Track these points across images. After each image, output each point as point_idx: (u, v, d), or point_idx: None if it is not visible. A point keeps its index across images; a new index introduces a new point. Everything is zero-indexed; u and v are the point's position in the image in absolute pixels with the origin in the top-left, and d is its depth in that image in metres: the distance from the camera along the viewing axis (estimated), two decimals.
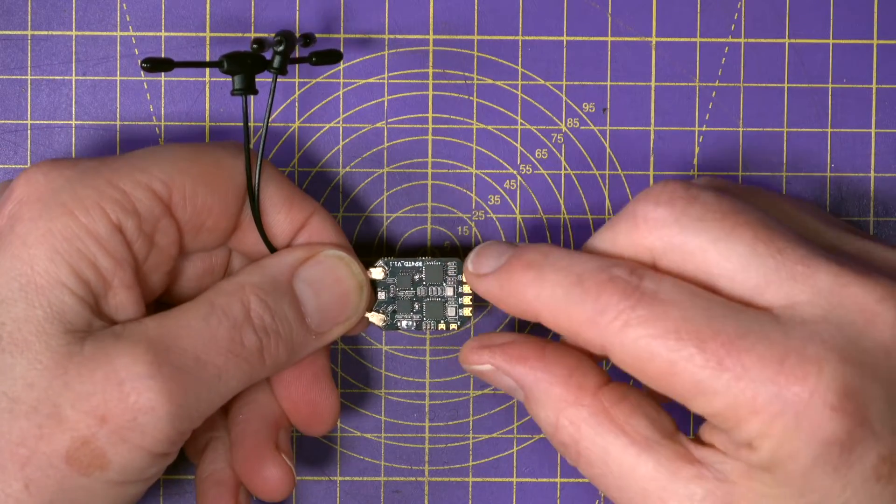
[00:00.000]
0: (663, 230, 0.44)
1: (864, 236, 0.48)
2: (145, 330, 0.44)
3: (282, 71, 0.47)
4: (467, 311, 0.50)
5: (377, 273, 0.50)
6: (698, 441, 0.45)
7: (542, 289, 0.45)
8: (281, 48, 0.47)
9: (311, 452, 0.53)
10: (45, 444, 0.43)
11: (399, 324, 0.50)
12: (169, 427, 0.43)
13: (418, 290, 0.50)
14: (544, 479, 0.52)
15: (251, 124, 0.51)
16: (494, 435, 0.53)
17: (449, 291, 0.50)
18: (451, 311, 0.50)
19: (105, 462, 0.43)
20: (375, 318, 0.50)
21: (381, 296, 0.50)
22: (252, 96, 0.48)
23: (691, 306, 0.43)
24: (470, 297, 0.50)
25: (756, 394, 0.41)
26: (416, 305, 0.50)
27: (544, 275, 0.45)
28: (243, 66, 0.47)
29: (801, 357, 0.41)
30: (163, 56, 0.52)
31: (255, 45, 0.47)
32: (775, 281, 0.42)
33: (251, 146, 0.48)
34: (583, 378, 0.46)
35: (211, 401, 0.45)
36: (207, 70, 0.52)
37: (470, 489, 0.53)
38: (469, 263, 0.47)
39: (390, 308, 0.50)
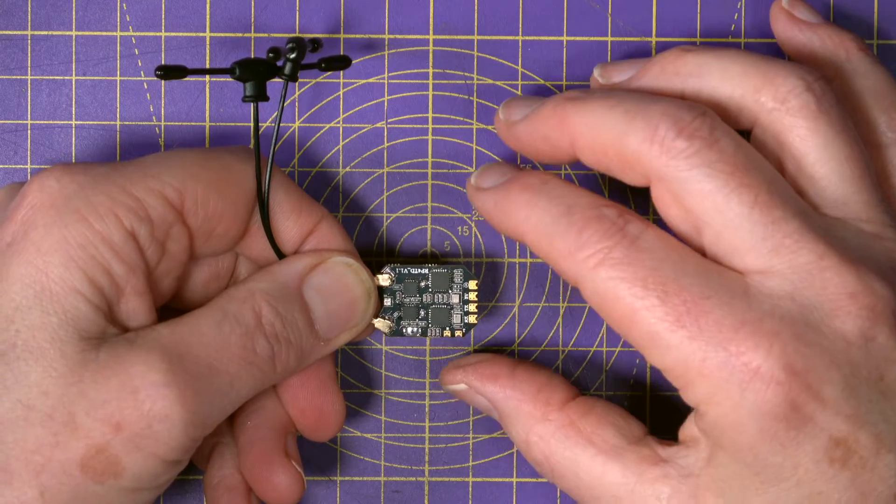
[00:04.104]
0: (671, 160, 0.43)
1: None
2: (159, 337, 0.44)
3: (293, 78, 0.47)
4: (472, 319, 0.50)
5: (384, 280, 0.50)
6: (667, 442, 0.45)
7: (533, 212, 0.45)
8: (293, 55, 0.47)
9: (312, 452, 0.53)
10: (60, 452, 0.43)
11: (404, 330, 0.50)
12: (183, 435, 0.43)
13: (424, 296, 0.50)
14: (544, 480, 0.52)
15: (261, 126, 0.51)
16: (494, 435, 0.53)
17: (455, 299, 0.50)
18: (456, 319, 0.50)
19: (119, 469, 0.43)
20: (381, 324, 0.50)
21: (387, 302, 0.50)
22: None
23: (665, 258, 0.43)
24: (475, 304, 0.50)
25: (706, 357, 0.42)
26: (422, 312, 0.50)
27: (538, 199, 0.45)
28: (255, 73, 0.47)
29: (756, 329, 0.42)
30: (163, 58, 0.52)
31: (270, 54, 0.47)
32: (759, 248, 0.43)
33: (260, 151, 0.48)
34: (551, 394, 0.48)
35: (223, 408, 0.45)
36: None
37: (470, 489, 0.53)
38: (472, 177, 0.48)
39: (396, 314, 0.50)
